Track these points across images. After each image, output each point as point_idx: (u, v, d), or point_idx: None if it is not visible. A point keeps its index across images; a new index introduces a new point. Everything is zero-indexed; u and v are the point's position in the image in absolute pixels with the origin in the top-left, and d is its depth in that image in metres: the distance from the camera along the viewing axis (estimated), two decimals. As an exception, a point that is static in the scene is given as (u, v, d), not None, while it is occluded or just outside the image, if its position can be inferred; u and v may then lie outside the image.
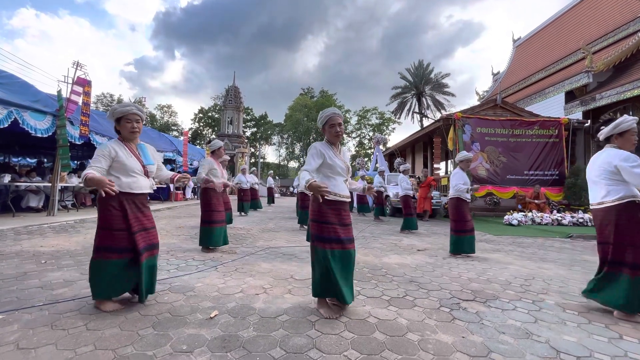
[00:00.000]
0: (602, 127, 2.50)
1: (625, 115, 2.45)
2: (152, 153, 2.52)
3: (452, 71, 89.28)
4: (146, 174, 2.40)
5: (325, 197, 2.13)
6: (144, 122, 2.48)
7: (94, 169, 2.10)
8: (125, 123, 2.30)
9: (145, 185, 2.37)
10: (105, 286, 2.17)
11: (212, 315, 2.11)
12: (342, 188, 2.34)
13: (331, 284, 2.17)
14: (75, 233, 5.30)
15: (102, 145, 2.25)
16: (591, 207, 2.52)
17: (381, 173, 9.48)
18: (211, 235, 4.09)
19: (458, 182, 4.34)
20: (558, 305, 2.51)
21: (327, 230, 2.22)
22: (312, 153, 2.28)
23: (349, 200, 2.40)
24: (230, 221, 6.73)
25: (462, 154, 4.45)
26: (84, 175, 2.04)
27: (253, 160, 34.61)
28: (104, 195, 2.03)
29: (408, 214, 6.65)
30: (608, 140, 2.47)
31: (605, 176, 2.37)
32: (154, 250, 2.38)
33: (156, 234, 2.45)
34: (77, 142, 7.54)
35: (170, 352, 1.66)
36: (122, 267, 2.20)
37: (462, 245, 4.30)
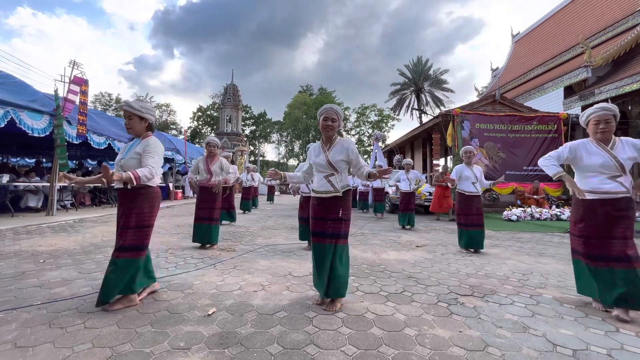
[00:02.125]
0: None
1: (588, 108, 2.42)
2: (140, 147, 2.26)
3: (452, 67, 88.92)
4: (122, 168, 2.26)
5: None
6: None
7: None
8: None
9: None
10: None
11: (210, 313, 2.12)
12: (319, 185, 2.36)
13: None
14: (74, 232, 5.30)
15: None
16: None
17: (378, 168, 9.46)
18: (195, 232, 4.29)
19: (453, 176, 4.56)
20: (555, 300, 2.52)
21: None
22: (307, 155, 2.50)
23: (330, 195, 2.30)
24: (233, 219, 6.96)
25: (464, 147, 4.67)
26: None
27: (252, 158, 34.59)
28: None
29: (404, 209, 6.65)
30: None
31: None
32: (119, 253, 2.18)
33: (127, 234, 2.20)
34: (75, 142, 7.53)
35: (167, 349, 1.67)
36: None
37: (470, 240, 4.32)
